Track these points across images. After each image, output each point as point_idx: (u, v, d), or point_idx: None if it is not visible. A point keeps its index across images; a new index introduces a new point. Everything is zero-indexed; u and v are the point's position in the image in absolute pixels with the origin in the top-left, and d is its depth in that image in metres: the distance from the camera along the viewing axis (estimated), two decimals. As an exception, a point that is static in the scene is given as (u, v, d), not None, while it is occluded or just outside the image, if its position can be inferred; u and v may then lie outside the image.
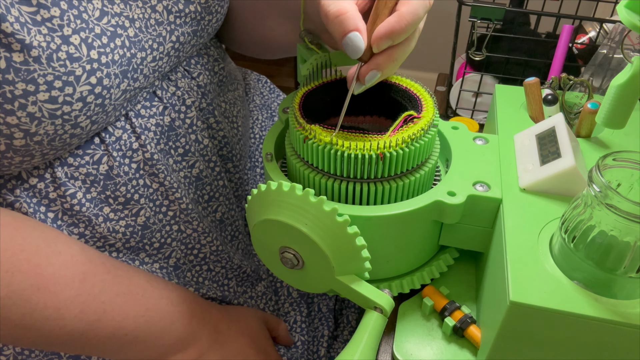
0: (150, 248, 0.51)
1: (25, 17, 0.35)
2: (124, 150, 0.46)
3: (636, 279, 0.34)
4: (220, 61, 0.58)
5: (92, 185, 0.46)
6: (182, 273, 0.54)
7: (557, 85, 0.56)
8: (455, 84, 0.79)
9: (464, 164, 0.47)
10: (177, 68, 0.52)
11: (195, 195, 0.53)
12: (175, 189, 0.50)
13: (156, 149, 0.48)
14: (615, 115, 0.42)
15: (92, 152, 0.45)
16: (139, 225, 0.49)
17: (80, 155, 0.44)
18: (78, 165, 0.45)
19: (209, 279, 0.56)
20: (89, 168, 0.45)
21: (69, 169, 0.44)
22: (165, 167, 0.49)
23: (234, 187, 0.60)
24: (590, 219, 0.34)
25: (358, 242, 0.39)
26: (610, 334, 0.34)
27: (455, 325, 0.45)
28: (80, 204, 0.45)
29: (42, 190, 0.44)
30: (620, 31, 0.64)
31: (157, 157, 0.48)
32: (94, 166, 0.45)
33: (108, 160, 0.46)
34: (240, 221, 0.61)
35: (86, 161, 0.45)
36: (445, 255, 0.50)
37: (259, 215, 0.41)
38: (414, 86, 0.48)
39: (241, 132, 0.61)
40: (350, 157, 0.40)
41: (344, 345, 0.61)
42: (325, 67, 0.50)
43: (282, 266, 0.43)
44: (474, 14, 0.68)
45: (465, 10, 0.69)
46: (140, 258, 0.50)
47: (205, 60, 0.56)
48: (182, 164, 0.52)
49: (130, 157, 0.47)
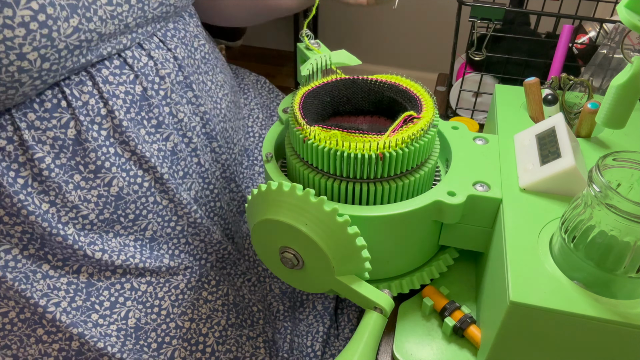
0: (125, 220, 0.50)
1: None
2: (91, 115, 0.46)
3: (636, 279, 0.34)
4: (200, 38, 0.59)
5: (61, 150, 0.46)
6: (158, 245, 0.53)
7: (557, 85, 0.56)
8: (455, 84, 0.79)
9: (464, 164, 0.47)
10: (151, 38, 0.52)
11: (170, 170, 0.53)
12: (148, 157, 0.49)
13: (126, 117, 0.48)
14: (615, 115, 0.42)
15: (58, 116, 0.45)
16: (112, 196, 0.48)
17: (47, 118, 0.45)
18: (45, 129, 0.45)
19: (186, 252, 0.55)
20: (56, 132, 0.45)
21: (36, 132, 0.44)
22: (136, 135, 0.49)
23: (221, 168, 0.60)
24: (590, 219, 0.34)
25: (358, 243, 0.39)
26: (610, 334, 0.34)
27: (455, 325, 0.45)
28: (50, 169, 0.45)
29: (10, 154, 0.44)
30: (620, 31, 0.64)
31: (127, 125, 0.48)
32: (62, 130, 0.45)
33: (75, 125, 0.46)
34: (224, 202, 0.61)
35: (53, 124, 0.45)
36: (445, 255, 0.50)
37: (259, 215, 0.41)
38: (414, 86, 0.48)
39: (225, 114, 0.61)
40: (350, 157, 0.40)
41: (344, 343, 0.61)
42: (325, 67, 0.50)
43: (282, 266, 0.43)
44: (474, 14, 0.68)
45: (465, 10, 0.69)
46: (115, 230, 0.50)
47: (183, 34, 0.56)
48: (156, 136, 0.52)
49: (100, 123, 0.47)
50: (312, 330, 0.60)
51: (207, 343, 0.52)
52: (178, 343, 0.51)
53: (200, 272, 0.55)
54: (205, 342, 0.52)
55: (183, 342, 0.51)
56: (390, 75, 0.50)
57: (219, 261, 0.58)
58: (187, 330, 0.52)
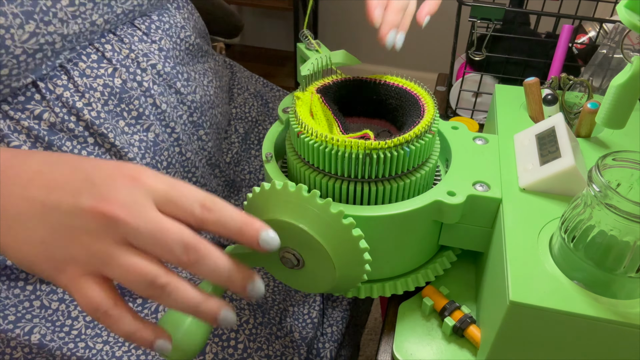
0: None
1: None
2: (67, 107, 0.47)
3: (636, 279, 0.34)
4: (187, 29, 0.60)
5: (37, 140, 0.46)
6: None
7: (557, 85, 0.56)
8: (455, 84, 0.79)
9: (464, 164, 0.47)
10: (133, 31, 0.52)
11: (153, 160, 0.53)
12: (126, 150, 0.50)
13: (103, 109, 0.49)
14: (615, 115, 0.42)
15: (32, 107, 0.46)
16: None
17: (20, 110, 0.46)
18: (19, 119, 0.46)
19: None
20: (30, 122, 0.46)
21: (11, 121, 0.46)
22: (114, 127, 0.50)
23: (207, 155, 0.61)
24: (590, 219, 0.34)
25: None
26: (610, 334, 0.34)
27: (455, 325, 0.45)
28: None
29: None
30: (620, 31, 0.64)
31: (105, 117, 0.49)
32: (35, 121, 0.46)
33: (50, 117, 0.47)
34: (211, 188, 0.61)
35: (27, 115, 0.46)
36: (445, 255, 0.50)
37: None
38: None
39: (213, 101, 0.62)
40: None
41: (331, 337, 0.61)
42: (325, 67, 0.50)
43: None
44: (474, 14, 0.68)
45: (465, 10, 0.69)
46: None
47: (168, 26, 0.57)
48: (136, 127, 0.52)
49: (77, 115, 0.48)
50: (305, 317, 0.61)
51: (238, 339, 0.52)
52: (209, 338, 0.52)
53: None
54: (237, 338, 0.52)
55: (214, 337, 0.52)
56: (390, 75, 0.50)
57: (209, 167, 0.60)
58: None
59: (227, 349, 0.52)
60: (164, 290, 0.30)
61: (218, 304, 0.32)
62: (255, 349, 0.53)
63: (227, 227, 0.32)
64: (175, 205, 0.31)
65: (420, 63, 2.12)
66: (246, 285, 0.32)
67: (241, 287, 0.32)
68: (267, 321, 0.55)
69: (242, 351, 0.52)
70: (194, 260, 0.30)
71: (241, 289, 0.32)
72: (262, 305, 0.56)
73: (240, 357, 0.52)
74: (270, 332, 0.55)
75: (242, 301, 0.55)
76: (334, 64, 0.51)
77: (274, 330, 0.55)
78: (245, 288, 0.32)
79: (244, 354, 0.52)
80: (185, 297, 0.31)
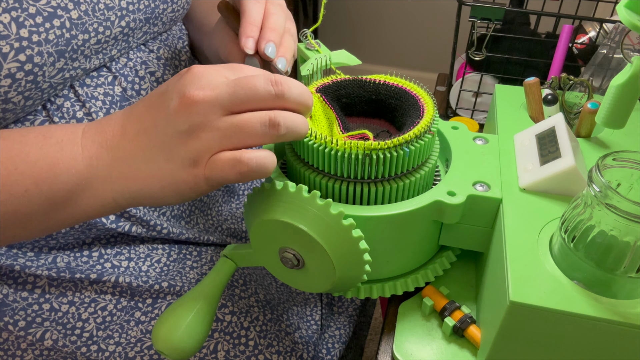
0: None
1: None
2: (67, 117, 0.47)
3: (636, 279, 0.34)
4: (184, 39, 0.60)
5: None
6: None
7: (557, 85, 0.56)
8: (455, 84, 0.79)
9: (464, 164, 0.47)
10: (130, 45, 0.53)
11: None
12: None
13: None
14: (615, 115, 0.42)
15: (32, 119, 0.46)
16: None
17: (20, 120, 0.46)
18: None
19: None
20: None
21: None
22: None
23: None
24: (590, 219, 0.34)
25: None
26: (610, 334, 0.34)
27: (455, 325, 0.45)
28: None
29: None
30: (620, 31, 0.64)
31: None
32: None
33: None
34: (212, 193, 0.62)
35: (27, 126, 0.46)
36: (444, 255, 0.50)
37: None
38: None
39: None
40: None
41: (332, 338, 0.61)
42: (325, 67, 0.50)
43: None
44: (474, 14, 0.68)
45: (465, 10, 0.69)
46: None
47: (165, 37, 0.57)
48: None
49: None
50: (306, 313, 0.61)
51: (249, 337, 0.53)
52: (220, 336, 0.52)
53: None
54: (247, 335, 0.53)
55: (225, 335, 0.52)
56: (390, 75, 0.50)
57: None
58: (229, 324, 0.52)
59: (239, 346, 0.52)
60: (277, 120, 0.34)
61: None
62: (266, 345, 0.53)
63: (297, 90, 0.36)
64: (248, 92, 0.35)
65: (420, 63, 2.12)
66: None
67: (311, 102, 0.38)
68: (275, 318, 0.56)
69: (253, 347, 0.52)
70: (285, 89, 0.35)
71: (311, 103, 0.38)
72: (270, 302, 0.57)
73: (252, 353, 0.52)
74: (280, 328, 0.55)
75: (250, 299, 0.55)
76: (334, 64, 0.51)
77: (283, 327, 0.55)
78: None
79: (255, 351, 0.52)
80: (296, 116, 0.36)
